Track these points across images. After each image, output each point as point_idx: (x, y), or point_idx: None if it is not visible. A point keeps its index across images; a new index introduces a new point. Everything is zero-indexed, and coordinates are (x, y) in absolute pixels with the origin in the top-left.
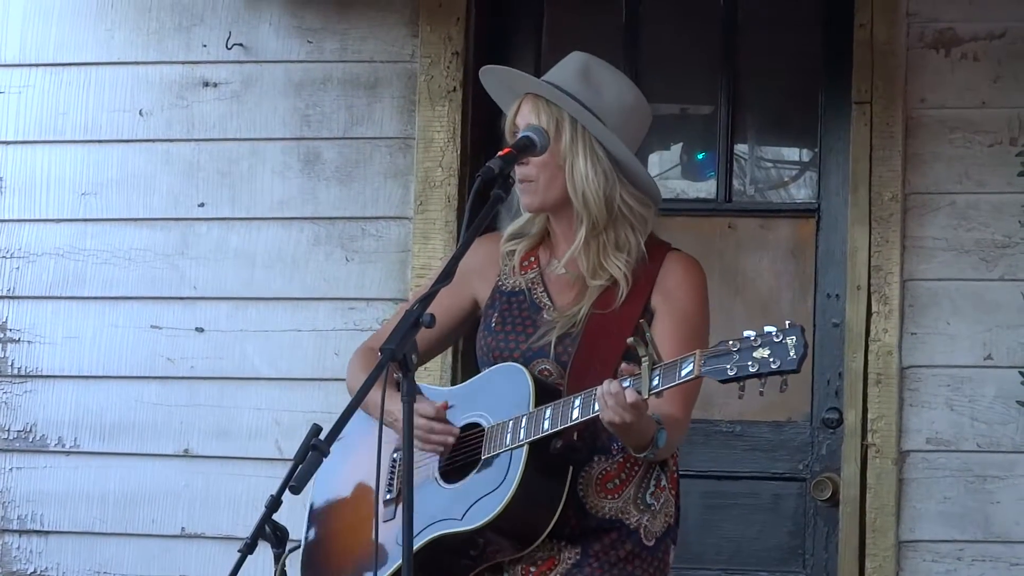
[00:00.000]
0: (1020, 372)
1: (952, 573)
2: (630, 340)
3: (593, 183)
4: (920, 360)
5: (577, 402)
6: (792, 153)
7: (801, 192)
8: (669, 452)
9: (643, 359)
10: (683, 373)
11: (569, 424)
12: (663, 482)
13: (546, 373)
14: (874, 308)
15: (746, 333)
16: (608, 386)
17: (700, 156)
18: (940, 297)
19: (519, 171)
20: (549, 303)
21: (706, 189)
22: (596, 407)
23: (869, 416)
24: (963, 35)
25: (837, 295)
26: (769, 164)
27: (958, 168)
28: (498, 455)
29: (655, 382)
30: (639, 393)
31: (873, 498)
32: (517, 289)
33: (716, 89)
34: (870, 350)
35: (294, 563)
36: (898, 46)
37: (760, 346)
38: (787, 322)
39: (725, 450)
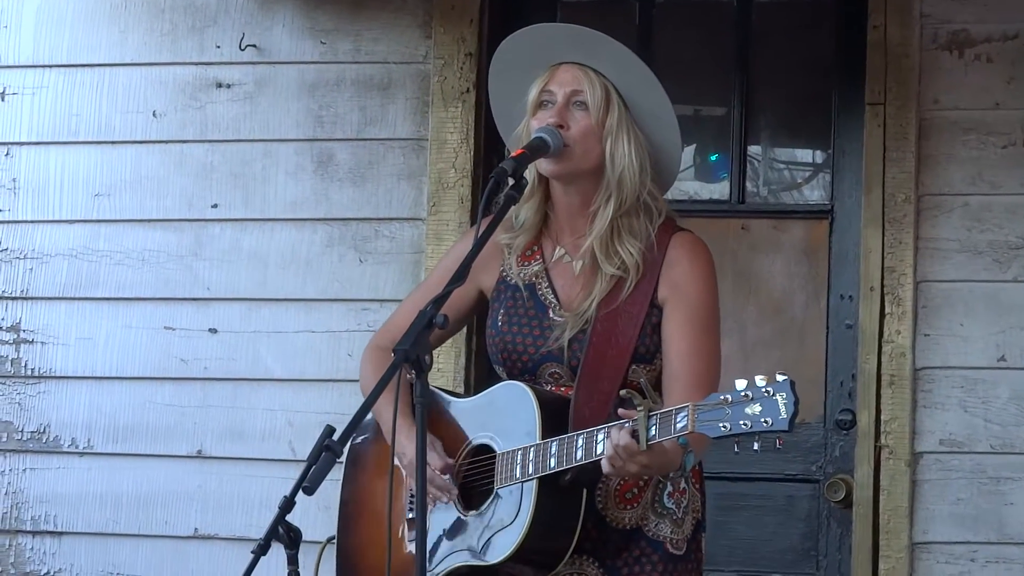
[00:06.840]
0: None
1: (966, 575)
2: (623, 392)
3: (633, 166)
4: (933, 361)
5: (580, 442)
6: (805, 155)
7: (814, 193)
8: (699, 460)
9: (639, 408)
10: (678, 427)
11: (574, 464)
12: (682, 484)
13: (556, 376)
14: (887, 309)
15: (738, 385)
16: (618, 437)
17: (713, 158)
18: (953, 298)
19: (554, 119)
20: (555, 300)
21: (719, 190)
22: (599, 450)
23: (882, 417)
24: (977, 36)
25: (850, 296)
26: (782, 165)
27: (971, 169)
28: (510, 487)
29: (652, 432)
30: (637, 443)
31: (886, 500)
32: (520, 283)
33: (729, 91)
34: (883, 351)
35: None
36: (911, 47)
37: (752, 401)
38: (778, 375)
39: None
